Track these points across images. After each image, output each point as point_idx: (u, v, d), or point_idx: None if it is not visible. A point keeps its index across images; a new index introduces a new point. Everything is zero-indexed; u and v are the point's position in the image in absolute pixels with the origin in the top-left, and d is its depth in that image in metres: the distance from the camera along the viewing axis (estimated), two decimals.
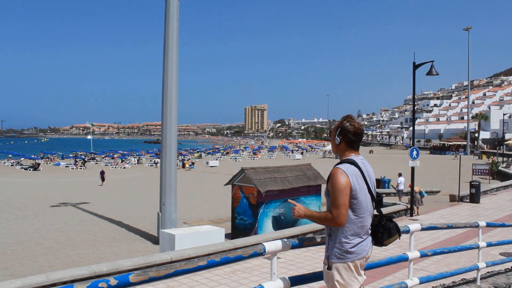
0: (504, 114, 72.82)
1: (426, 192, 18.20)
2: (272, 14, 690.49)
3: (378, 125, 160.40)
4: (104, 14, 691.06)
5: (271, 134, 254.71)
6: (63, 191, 28.95)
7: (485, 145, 75.02)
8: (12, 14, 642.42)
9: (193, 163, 53.15)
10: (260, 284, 3.05)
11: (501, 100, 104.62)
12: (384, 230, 3.02)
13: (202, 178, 38.30)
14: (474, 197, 17.54)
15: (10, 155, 65.75)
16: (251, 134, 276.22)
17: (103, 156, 71.44)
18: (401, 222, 13.22)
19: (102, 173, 33.36)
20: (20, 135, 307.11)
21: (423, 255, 5.14)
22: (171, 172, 14.87)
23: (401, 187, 20.82)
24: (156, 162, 55.20)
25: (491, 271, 7.02)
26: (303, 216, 2.98)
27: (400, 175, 21.74)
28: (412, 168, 15.52)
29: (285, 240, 3.19)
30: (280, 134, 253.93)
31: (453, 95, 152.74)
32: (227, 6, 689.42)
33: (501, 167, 36.48)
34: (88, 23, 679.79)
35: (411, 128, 43.25)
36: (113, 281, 2.23)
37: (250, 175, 13.57)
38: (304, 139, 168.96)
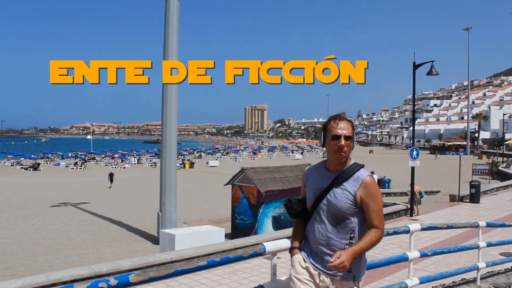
0: (504, 114, 72.79)
1: (426, 193, 18.22)
2: (272, 14, 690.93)
3: (378, 125, 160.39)
4: (104, 14, 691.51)
5: (271, 134, 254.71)
6: (63, 191, 28.96)
7: (484, 145, 75.02)
8: (12, 14, 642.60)
9: (193, 163, 53.16)
10: (260, 284, 3.05)
11: (501, 100, 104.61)
12: None
13: (202, 178, 38.31)
14: (474, 197, 17.53)
15: (9, 155, 65.65)
16: (251, 134, 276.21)
17: (103, 156, 71.42)
18: (401, 222, 13.24)
19: (111, 175, 32.61)
20: (20, 135, 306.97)
21: (423, 255, 5.14)
22: (171, 172, 14.87)
23: None
24: (155, 162, 55.25)
25: (491, 271, 7.02)
26: (352, 259, 2.46)
27: (372, 173, 22.46)
28: (412, 168, 15.52)
29: (285, 240, 3.19)
30: (280, 134, 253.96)
31: (453, 95, 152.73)
32: (227, 6, 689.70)
33: (501, 167, 36.48)
34: (88, 23, 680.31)
35: (411, 128, 43.30)
36: (113, 281, 2.24)
37: (250, 175, 13.57)
38: (304, 139, 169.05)
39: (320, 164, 2.78)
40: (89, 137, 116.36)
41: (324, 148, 2.70)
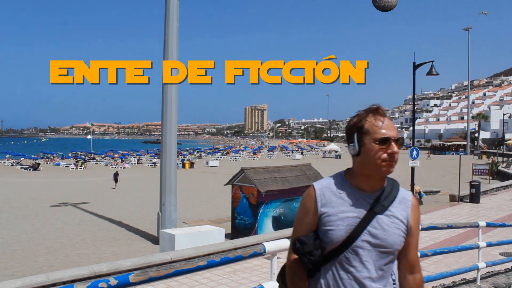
0: (504, 114, 72.90)
1: (426, 193, 18.25)
2: (271, 13, 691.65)
3: None
4: (103, 15, 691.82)
5: (271, 134, 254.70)
6: (63, 191, 28.96)
7: (483, 145, 75.14)
8: (12, 13, 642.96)
9: (193, 163, 53.15)
10: (260, 284, 3.05)
11: (501, 100, 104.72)
12: None
13: (202, 178, 38.31)
14: (474, 197, 17.54)
15: (8, 155, 65.51)
16: (251, 134, 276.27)
17: (103, 156, 71.39)
18: None
19: (116, 175, 32.11)
20: (20, 135, 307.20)
21: (423, 255, 5.15)
22: (171, 172, 14.88)
23: None
24: (154, 162, 55.26)
25: (491, 271, 7.02)
26: None
27: None
28: (412, 168, 15.53)
29: (285, 240, 3.19)
30: (280, 134, 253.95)
31: (453, 95, 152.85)
32: (227, 6, 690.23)
33: (501, 167, 36.51)
34: (87, 23, 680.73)
35: (411, 128, 43.28)
36: (113, 281, 2.24)
37: (250, 175, 13.57)
38: (304, 139, 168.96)
39: (339, 180, 1.87)
40: (89, 137, 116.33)
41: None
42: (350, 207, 1.79)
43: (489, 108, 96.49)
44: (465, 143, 72.95)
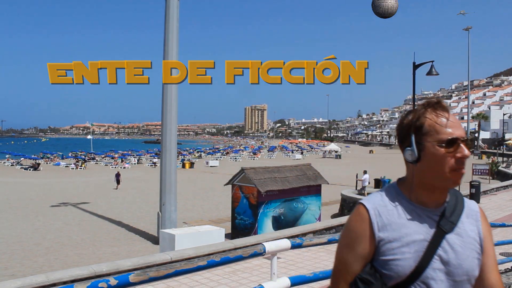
0: (504, 114, 72.94)
1: None
2: (271, 11, 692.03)
3: (378, 125, 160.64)
4: (102, 16, 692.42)
5: (271, 134, 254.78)
6: (63, 191, 28.96)
7: (483, 145, 75.25)
8: (11, 11, 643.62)
9: (193, 163, 53.18)
10: (260, 284, 3.05)
11: (501, 100, 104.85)
12: None
13: (202, 178, 38.33)
14: (474, 197, 17.51)
15: (8, 155, 65.44)
16: (251, 134, 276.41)
17: (103, 156, 71.39)
18: None
19: (118, 175, 31.88)
20: (20, 135, 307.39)
21: None
22: (171, 172, 14.90)
23: (366, 184, 22.12)
24: (154, 162, 55.30)
25: None
26: None
27: (365, 172, 23.00)
28: None
29: (285, 240, 3.19)
30: (280, 134, 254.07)
31: (453, 95, 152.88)
32: (229, 16, 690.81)
33: (501, 167, 36.53)
34: (87, 23, 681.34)
35: None
36: (113, 281, 2.24)
37: (250, 175, 13.58)
38: (304, 139, 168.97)
39: (394, 194, 1.48)
40: (89, 137, 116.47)
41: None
42: (415, 227, 1.40)
43: (489, 108, 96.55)
44: None
